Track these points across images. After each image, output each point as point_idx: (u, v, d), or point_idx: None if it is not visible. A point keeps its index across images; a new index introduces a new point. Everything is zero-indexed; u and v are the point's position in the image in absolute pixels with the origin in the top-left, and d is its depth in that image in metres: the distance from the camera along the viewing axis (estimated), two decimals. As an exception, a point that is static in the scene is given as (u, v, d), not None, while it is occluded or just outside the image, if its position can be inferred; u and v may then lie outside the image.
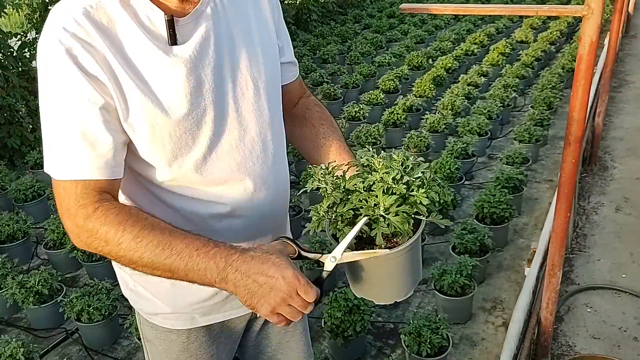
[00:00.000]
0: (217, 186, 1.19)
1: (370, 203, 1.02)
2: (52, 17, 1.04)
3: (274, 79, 1.26)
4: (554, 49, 7.56)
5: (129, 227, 1.03)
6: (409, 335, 2.51)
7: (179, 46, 1.08)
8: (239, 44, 1.17)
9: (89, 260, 3.26)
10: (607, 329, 2.74)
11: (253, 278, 1.01)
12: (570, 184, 1.99)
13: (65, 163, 1.04)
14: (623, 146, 4.79)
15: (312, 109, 1.40)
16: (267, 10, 1.25)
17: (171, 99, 1.08)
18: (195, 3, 1.10)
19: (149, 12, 1.06)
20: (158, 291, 1.28)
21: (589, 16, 1.74)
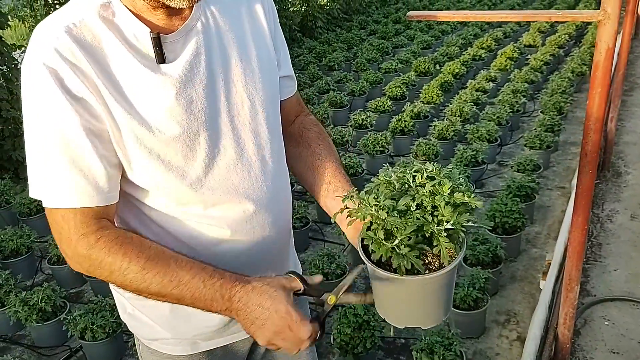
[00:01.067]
0: (215, 208, 1.13)
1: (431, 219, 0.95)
2: (34, 38, 0.99)
3: (272, 94, 1.20)
4: (562, 53, 7.47)
5: (134, 258, 1.02)
6: (421, 352, 2.43)
7: (167, 64, 1.03)
8: (233, 59, 1.11)
9: (93, 275, 3.20)
10: (626, 343, 2.65)
11: (251, 309, 1.04)
12: (588, 195, 1.91)
13: (59, 190, 0.99)
14: (636, 151, 4.69)
15: (309, 128, 1.33)
16: (264, 22, 1.19)
17: (161, 121, 1.03)
18: (184, 18, 1.05)
19: (134, 29, 1.00)
20: (157, 316, 1.22)
21: (605, 21, 1.66)
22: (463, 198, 0.95)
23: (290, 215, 1.31)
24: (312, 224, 3.79)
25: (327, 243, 3.72)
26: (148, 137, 1.02)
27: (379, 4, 12.00)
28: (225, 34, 1.11)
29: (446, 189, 0.95)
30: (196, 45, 1.06)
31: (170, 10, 1.03)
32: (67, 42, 0.96)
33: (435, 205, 0.95)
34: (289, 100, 1.32)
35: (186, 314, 1.19)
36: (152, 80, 1.02)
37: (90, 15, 0.99)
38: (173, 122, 1.03)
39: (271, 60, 1.20)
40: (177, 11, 1.04)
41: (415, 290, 1.00)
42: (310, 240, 3.76)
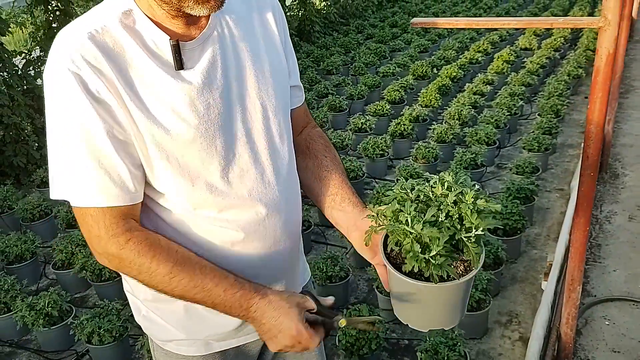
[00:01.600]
0: (229, 211, 1.16)
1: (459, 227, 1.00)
2: (58, 44, 1.02)
3: (284, 102, 1.23)
4: (558, 56, 7.54)
5: (163, 262, 1.07)
6: (425, 353, 2.46)
7: (186, 71, 1.07)
8: (247, 67, 1.15)
9: (98, 280, 3.23)
10: (627, 342, 2.69)
11: (266, 321, 1.12)
12: (589, 197, 1.96)
13: (87, 190, 1.03)
14: (633, 153, 4.75)
15: (316, 140, 1.37)
16: (275, 31, 1.23)
17: (179, 125, 1.06)
18: (201, 27, 1.09)
19: (154, 36, 1.04)
20: (171, 318, 1.25)
21: (606, 28, 1.71)
22: (486, 205, 0.99)
23: (300, 219, 1.34)
24: (315, 227, 3.82)
25: (329, 246, 3.76)
26: (167, 141, 1.06)
27: (375, 8, 12.05)
28: (239, 43, 1.15)
29: (469, 197, 0.99)
30: (213, 53, 1.10)
31: (189, 19, 1.07)
32: (90, 48, 1.00)
33: (461, 214, 0.99)
34: (297, 110, 1.35)
35: (200, 315, 1.23)
36: (171, 86, 1.05)
37: (112, 22, 1.03)
38: (191, 127, 1.07)
39: (283, 69, 1.24)
40: (194, 20, 1.08)
41: (445, 295, 1.04)
42: (313, 243, 3.80)
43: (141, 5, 1.05)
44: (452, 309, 1.08)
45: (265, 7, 1.23)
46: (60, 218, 3.94)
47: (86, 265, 3.22)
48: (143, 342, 2.63)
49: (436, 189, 1.03)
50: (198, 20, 1.08)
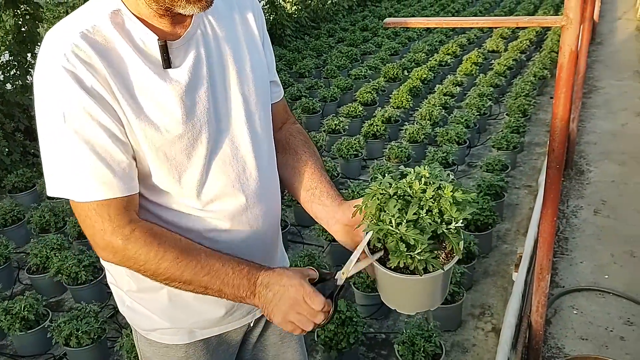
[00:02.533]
0: (214, 202, 1.21)
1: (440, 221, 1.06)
2: (50, 44, 1.04)
3: (264, 97, 1.28)
4: (524, 58, 7.74)
5: (169, 249, 1.10)
6: (403, 345, 2.53)
7: (173, 69, 1.10)
8: (230, 64, 1.19)
9: (74, 283, 3.21)
10: (594, 330, 2.80)
11: (270, 288, 1.12)
12: (556, 189, 2.04)
13: (88, 184, 1.05)
14: (597, 150, 4.92)
15: (295, 136, 1.41)
16: (254, 29, 1.28)
17: (167, 121, 1.10)
18: (186, 26, 1.13)
19: (142, 35, 1.08)
20: (155, 307, 1.28)
21: (568, 26, 1.80)
22: (464, 196, 1.05)
23: (280, 210, 1.39)
24: (291, 227, 3.86)
25: (306, 245, 3.80)
26: (156, 136, 1.10)
27: (346, 12, 12.17)
28: (222, 41, 1.19)
29: (448, 191, 1.05)
30: (197, 52, 1.14)
31: (175, 19, 1.11)
32: (83, 46, 1.03)
33: (441, 208, 1.05)
34: (276, 105, 1.40)
35: (185, 304, 1.27)
36: (160, 84, 1.09)
37: (102, 21, 1.06)
38: (179, 123, 1.11)
39: (262, 65, 1.29)
40: (181, 19, 1.12)
41: (430, 283, 1.10)
42: (290, 242, 3.84)
43: (128, 5, 1.08)
44: (437, 292, 1.15)
45: (245, 6, 1.27)
46: (33, 223, 3.90)
47: (62, 268, 3.20)
48: (122, 343, 2.63)
49: (414, 185, 1.08)
50: (184, 19, 1.12)
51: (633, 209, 3.90)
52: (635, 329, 2.79)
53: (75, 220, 3.86)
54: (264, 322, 1.46)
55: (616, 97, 6.27)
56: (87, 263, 3.23)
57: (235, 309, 1.32)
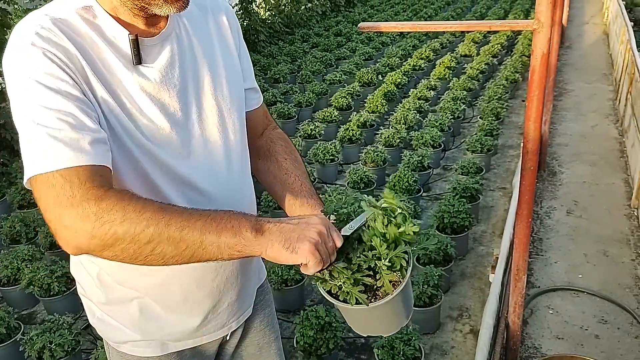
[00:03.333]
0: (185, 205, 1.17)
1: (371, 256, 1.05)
2: (19, 29, 1.02)
3: (238, 103, 1.27)
4: (496, 62, 7.86)
5: (149, 202, 0.98)
6: (382, 349, 2.53)
7: (144, 67, 1.09)
8: (203, 68, 1.18)
9: (47, 295, 3.14)
10: (569, 329, 2.84)
11: (287, 222, 1.01)
12: (530, 190, 2.07)
13: (59, 151, 0.96)
14: (568, 152, 5.00)
15: (276, 142, 1.40)
16: (229, 36, 1.27)
17: (136, 119, 1.08)
18: (160, 28, 1.12)
19: (114, 31, 1.06)
20: (125, 319, 1.25)
21: (540, 30, 1.83)
22: (396, 231, 1.02)
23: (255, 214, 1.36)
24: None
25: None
26: (124, 134, 1.07)
27: (320, 18, 12.21)
28: (196, 45, 1.18)
29: (379, 224, 1.03)
30: (171, 53, 1.13)
31: (150, 20, 1.09)
32: (52, 28, 1.00)
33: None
34: (255, 112, 1.38)
35: (156, 315, 1.24)
36: (130, 80, 1.07)
37: (71, 15, 1.04)
38: (149, 122, 1.09)
39: (236, 72, 1.28)
40: (155, 20, 1.10)
41: (368, 314, 1.09)
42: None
43: (102, 2, 1.06)
44: (382, 321, 1.14)
45: (219, 11, 1.26)
46: (3, 233, 3.80)
47: (34, 280, 3.12)
48: (97, 355, 2.57)
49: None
50: (158, 21, 1.11)
51: (604, 208, 3.98)
52: (610, 327, 2.83)
53: (47, 230, 3.78)
54: (240, 333, 1.43)
55: (586, 100, 6.40)
56: (59, 274, 3.16)
57: (209, 320, 1.29)
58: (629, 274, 3.26)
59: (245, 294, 1.36)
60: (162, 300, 1.23)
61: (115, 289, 1.21)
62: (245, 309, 1.39)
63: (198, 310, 1.26)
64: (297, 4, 11.62)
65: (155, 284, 1.21)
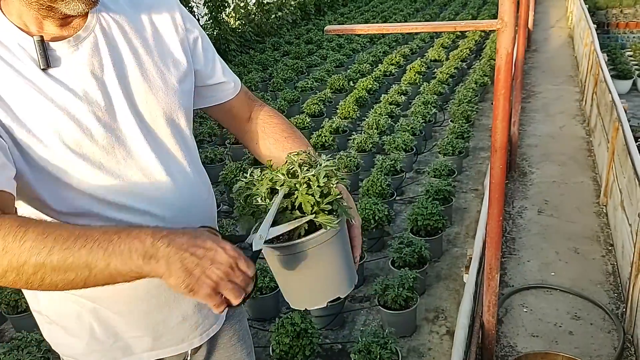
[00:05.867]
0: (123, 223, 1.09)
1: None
2: None
3: (181, 105, 1.18)
4: (465, 66, 7.96)
5: (32, 224, 0.89)
6: (359, 353, 2.51)
7: (55, 72, 1.02)
8: (130, 71, 1.11)
9: (14, 312, 3.05)
10: (544, 326, 2.87)
11: (190, 251, 0.88)
12: (500, 189, 2.09)
13: None
14: (538, 152, 5.08)
15: (268, 121, 1.34)
16: (172, 33, 1.19)
17: (46, 132, 1.01)
18: (75, 29, 1.05)
19: (18, 38, 1.01)
20: (75, 332, 1.19)
21: (503, 29, 1.85)
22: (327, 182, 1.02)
23: (214, 221, 1.29)
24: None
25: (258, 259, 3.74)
26: (36, 147, 1.00)
27: (290, 26, 12.24)
28: (123, 47, 1.11)
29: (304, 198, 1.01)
30: (87, 55, 1.05)
31: (62, 20, 1.03)
32: None
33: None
34: (232, 102, 1.32)
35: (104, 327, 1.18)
36: (40, 88, 1.01)
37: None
38: (62, 132, 1.02)
39: (179, 72, 1.19)
40: (67, 21, 1.04)
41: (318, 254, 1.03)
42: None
43: (7, 12, 1.01)
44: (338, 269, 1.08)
45: (162, 9, 1.19)
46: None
47: (0, 297, 3.03)
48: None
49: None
50: (71, 21, 1.05)
51: (574, 207, 4.04)
52: (583, 323, 2.87)
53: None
54: (206, 350, 1.34)
55: (553, 101, 6.52)
56: (27, 290, 3.07)
57: (160, 334, 1.22)
58: (599, 270, 3.31)
59: (205, 308, 1.27)
60: (108, 312, 1.17)
61: (63, 302, 1.16)
62: (209, 325, 1.31)
63: (146, 324, 1.19)
64: (267, 13, 11.63)
65: (99, 296, 1.14)
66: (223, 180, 4.46)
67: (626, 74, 8.13)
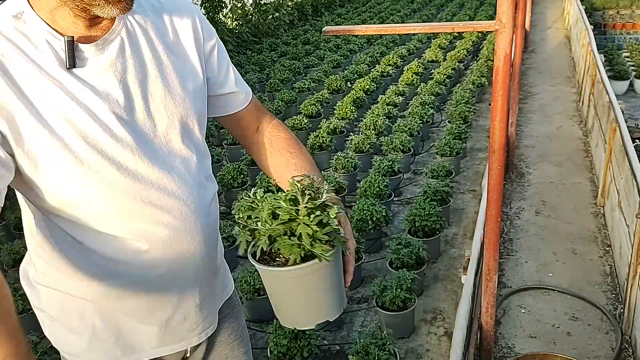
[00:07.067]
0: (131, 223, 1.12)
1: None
2: None
3: (195, 112, 1.20)
4: (462, 67, 7.96)
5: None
6: (357, 355, 2.50)
7: (79, 70, 1.04)
8: (151, 75, 1.12)
9: (11, 313, 3.03)
10: (541, 327, 2.86)
11: None
12: (498, 190, 2.08)
13: None
14: (535, 153, 5.08)
15: (275, 135, 1.35)
16: (190, 42, 1.21)
17: (70, 131, 1.03)
18: (104, 30, 1.07)
19: (48, 36, 1.02)
20: (79, 330, 1.20)
21: (502, 30, 1.84)
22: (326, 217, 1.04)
23: (215, 227, 1.29)
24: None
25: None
26: (58, 147, 1.02)
27: (287, 27, 12.23)
28: (146, 51, 1.13)
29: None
30: (112, 58, 1.07)
31: (91, 21, 1.04)
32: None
33: None
34: (241, 113, 1.34)
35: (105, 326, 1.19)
36: (63, 86, 1.02)
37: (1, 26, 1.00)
38: (82, 132, 1.04)
39: (196, 79, 1.21)
40: (97, 21, 1.06)
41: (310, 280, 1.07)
42: (239, 259, 3.76)
43: (36, 7, 1.02)
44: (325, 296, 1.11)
45: (182, 15, 1.20)
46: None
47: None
48: (64, 373, 2.49)
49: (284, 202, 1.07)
50: (101, 22, 1.06)
51: (572, 207, 4.04)
52: (581, 323, 2.87)
53: (10, 247, 3.68)
54: (204, 348, 1.36)
55: (550, 102, 6.53)
56: (24, 292, 3.05)
57: (163, 332, 1.24)
58: (597, 270, 3.31)
59: (206, 309, 1.30)
60: (114, 312, 1.19)
61: (67, 300, 1.17)
62: (208, 325, 1.33)
63: (150, 322, 1.21)
64: (265, 13, 11.62)
65: (107, 295, 1.16)
66: (220, 181, 4.46)
67: (623, 75, 8.14)
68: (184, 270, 1.21)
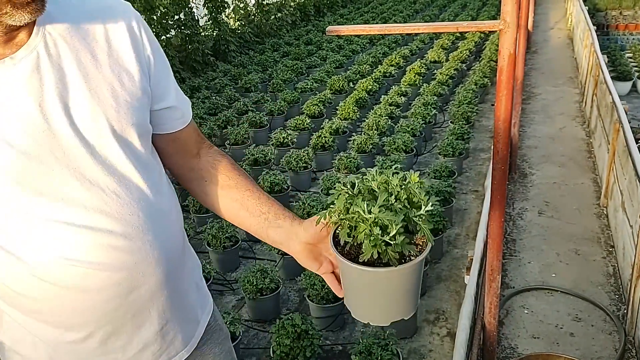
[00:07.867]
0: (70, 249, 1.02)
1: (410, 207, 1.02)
2: None
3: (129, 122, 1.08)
4: (465, 67, 7.96)
5: None
6: (360, 355, 2.50)
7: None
8: (78, 91, 1.02)
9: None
10: (544, 328, 2.86)
11: None
12: (502, 190, 2.08)
13: None
14: (538, 153, 5.08)
15: (220, 160, 1.27)
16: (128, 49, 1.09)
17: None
18: (18, 46, 0.97)
19: None
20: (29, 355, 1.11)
21: (506, 30, 1.84)
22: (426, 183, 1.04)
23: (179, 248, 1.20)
24: (242, 243, 3.79)
25: (258, 260, 3.74)
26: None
27: (290, 27, 12.24)
28: (69, 64, 1.02)
29: (414, 178, 1.02)
30: (25, 77, 0.97)
31: (6, 37, 0.95)
32: None
33: (409, 195, 1.00)
34: (182, 132, 1.23)
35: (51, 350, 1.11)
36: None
37: None
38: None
39: (134, 87, 1.10)
40: (12, 36, 0.96)
41: (404, 279, 1.02)
42: (241, 259, 3.76)
43: None
44: (410, 294, 1.08)
45: (118, 20, 1.10)
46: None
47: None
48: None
49: (379, 179, 1.04)
50: (16, 36, 0.97)
51: (574, 208, 4.04)
52: (584, 324, 2.86)
53: None
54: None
55: (553, 103, 6.52)
56: None
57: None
58: (600, 271, 3.30)
59: (170, 334, 1.18)
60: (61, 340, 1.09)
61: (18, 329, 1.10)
62: (175, 352, 1.20)
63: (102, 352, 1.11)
64: (267, 13, 11.63)
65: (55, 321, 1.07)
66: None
67: (626, 76, 8.13)
68: (135, 296, 1.09)
